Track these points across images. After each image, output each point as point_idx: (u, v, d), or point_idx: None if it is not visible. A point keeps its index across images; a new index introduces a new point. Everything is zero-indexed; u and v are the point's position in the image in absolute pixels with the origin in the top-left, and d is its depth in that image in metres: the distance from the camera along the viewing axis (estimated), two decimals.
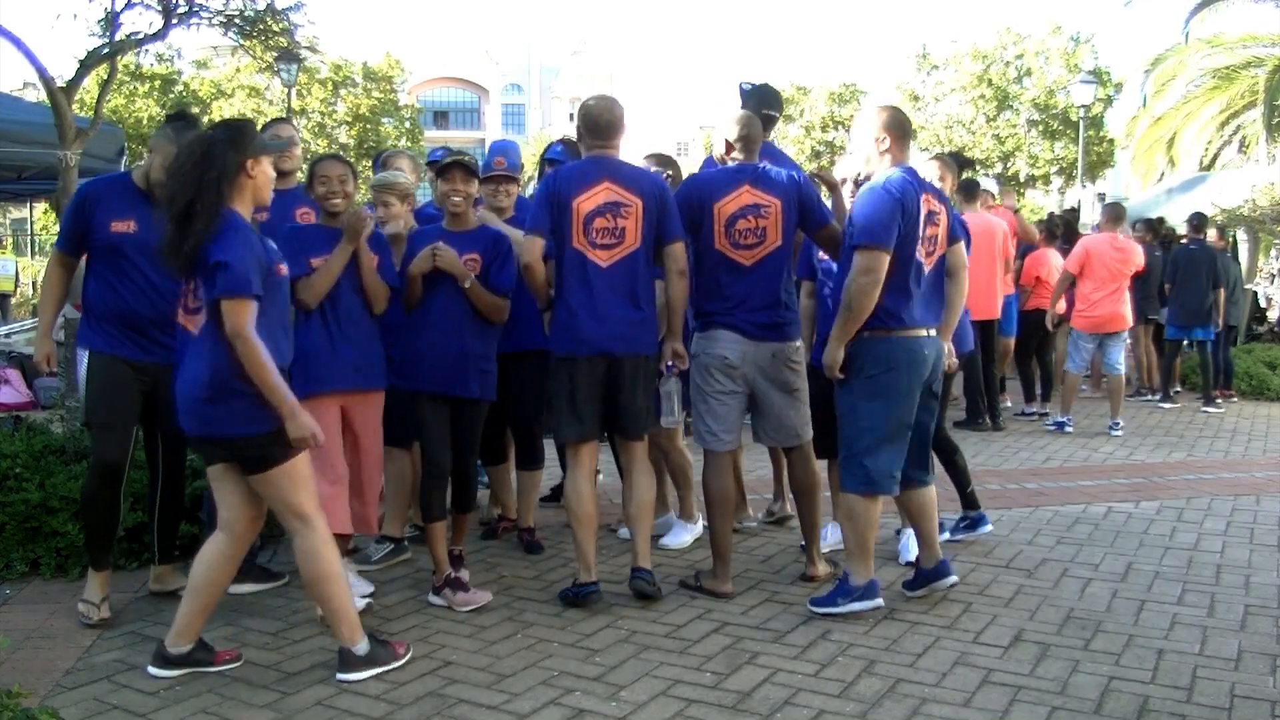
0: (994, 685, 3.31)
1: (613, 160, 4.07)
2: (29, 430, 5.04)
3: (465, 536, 4.31)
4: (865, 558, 3.91)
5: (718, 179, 4.24)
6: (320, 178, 3.98)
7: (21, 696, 2.65)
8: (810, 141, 35.19)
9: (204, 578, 3.32)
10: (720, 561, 4.19)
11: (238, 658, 3.47)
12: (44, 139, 8.07)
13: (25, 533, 4.27)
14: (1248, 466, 6.86)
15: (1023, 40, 29.85)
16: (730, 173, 4.21)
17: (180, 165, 3.19)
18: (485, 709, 3.14)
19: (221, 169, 3.15)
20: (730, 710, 3.13)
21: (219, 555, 3.33)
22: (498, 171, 4.74)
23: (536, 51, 70.85)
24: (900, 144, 3.93)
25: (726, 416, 4.20)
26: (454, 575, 4.05)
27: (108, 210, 3.77)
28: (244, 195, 3.25)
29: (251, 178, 3.24)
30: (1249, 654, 3.56)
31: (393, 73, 34.08)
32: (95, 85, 12.90)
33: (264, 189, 3.31)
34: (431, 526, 4.04)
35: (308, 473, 3.29)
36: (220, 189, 3.14)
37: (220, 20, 9.40)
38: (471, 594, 4.01)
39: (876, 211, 3.75)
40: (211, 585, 3.34)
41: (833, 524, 4.69)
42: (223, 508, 3.33)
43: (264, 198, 3.34)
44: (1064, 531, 5.14)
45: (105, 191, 3.85)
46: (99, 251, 3.81)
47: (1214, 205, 13.03)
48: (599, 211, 3.96)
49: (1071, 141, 27.66)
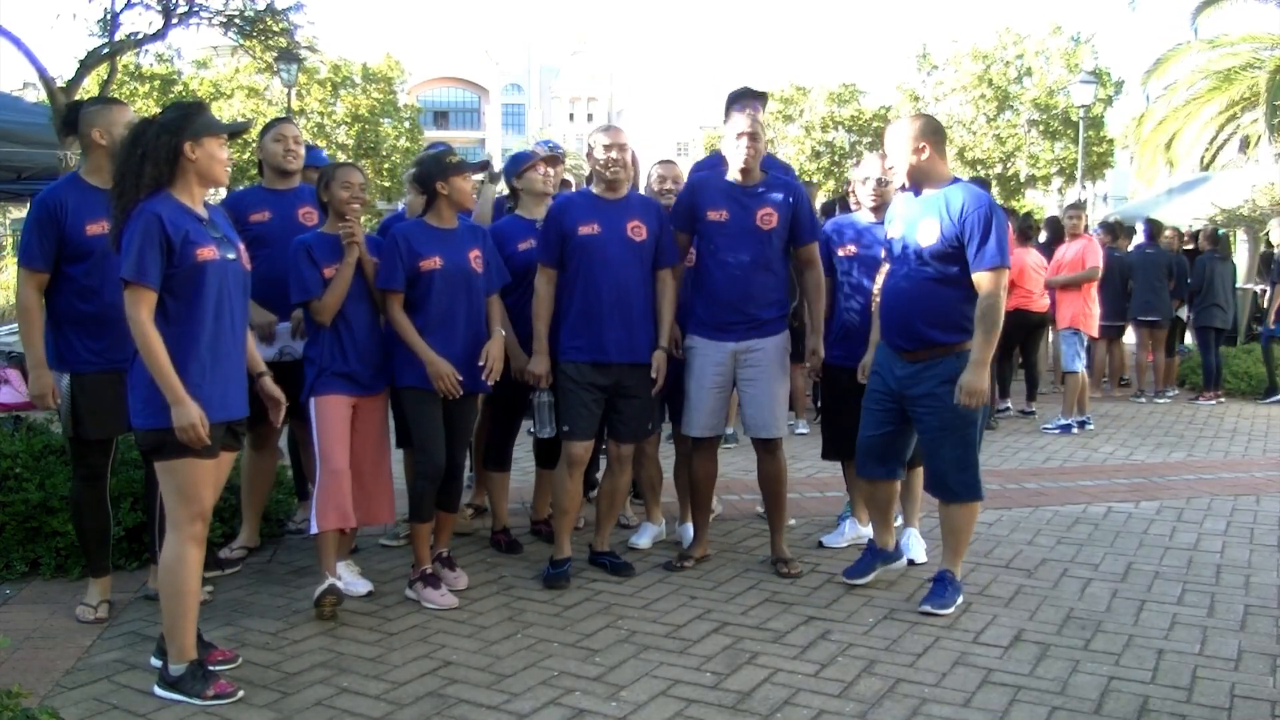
0: (994, 685, 3.31)
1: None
2: (29, 430, 5.04)
3: (449, 536, 4.34)
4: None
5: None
6: (344, 183, 4.01)
7: (21, 696, 2.64)
8: (810, 141, 35.18)
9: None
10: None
11: (234, 658, 3.46)
12: (44, 139, 8.06)
13: (25, 533, 4.27)
14: (1248, 466, 6.86)
15: (1023, 40, 29.87)
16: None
17: (119, 151, 3.20)
18: (485, 709, 3.14)
19: (147, 151, 3.11)
20: (730, 710, 3.13)
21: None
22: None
23: (536, 51, 70.93)
24: (939, 149, 4.02)
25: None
26: (427, 571, 4.09)
27: (79, 214, 3.65)
28: (186, 178, 3.18)
29: (192, 160, 3.17)
30: (1249, 654, 3.56)
31: (392, 73, 34.07)
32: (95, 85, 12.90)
33: (210, 171, 3.21)
34: (419, 526, 4.09)
35: (194, 484, 3.17)
36: (142, 171, 3.10)
37: (220, 20, 9.42)
38: (440, 592, 4.04)
39: (1005, 233, 3.89)
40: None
41: (850, 520, 4.89)
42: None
43: (213, 178, 3.25)
44: (1064, 531, 5.14)
45: (67, 196, 3.69)
46: (74, 258, 3.67)
47: (1214, 205, 13.02)
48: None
49: (1071, 142, 27.67)
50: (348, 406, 3.99)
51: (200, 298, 3.16)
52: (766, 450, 4.48)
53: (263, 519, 4.78)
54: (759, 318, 4.36)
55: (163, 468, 3.18)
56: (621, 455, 4.41)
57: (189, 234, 3.14)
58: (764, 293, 4.36)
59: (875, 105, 36.16)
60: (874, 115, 35.57)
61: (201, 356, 3.18)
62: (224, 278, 3.22)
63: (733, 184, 4.38)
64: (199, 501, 3.20)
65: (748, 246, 4.31)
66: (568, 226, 4.27)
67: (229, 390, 3.28)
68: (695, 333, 4.45)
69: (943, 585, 4.05)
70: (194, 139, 3.17)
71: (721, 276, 4.34)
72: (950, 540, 4.09)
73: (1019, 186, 30.32)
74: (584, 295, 4.25)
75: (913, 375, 4.00)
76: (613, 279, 4.23)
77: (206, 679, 3.19)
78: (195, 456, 3.15)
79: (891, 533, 4.35)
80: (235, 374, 3.33)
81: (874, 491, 4.31)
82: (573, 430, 4.28)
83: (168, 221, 3.10)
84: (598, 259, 4.23)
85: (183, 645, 3.21)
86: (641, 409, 4.37)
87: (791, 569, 4.42)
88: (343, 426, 3.96)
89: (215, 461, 3.25)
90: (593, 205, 4.34)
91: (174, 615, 3.21)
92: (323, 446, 3.94)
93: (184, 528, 3.19)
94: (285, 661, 3.49)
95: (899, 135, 4.01)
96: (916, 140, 3.94)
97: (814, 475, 6.30)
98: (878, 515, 4.33)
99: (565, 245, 4.27)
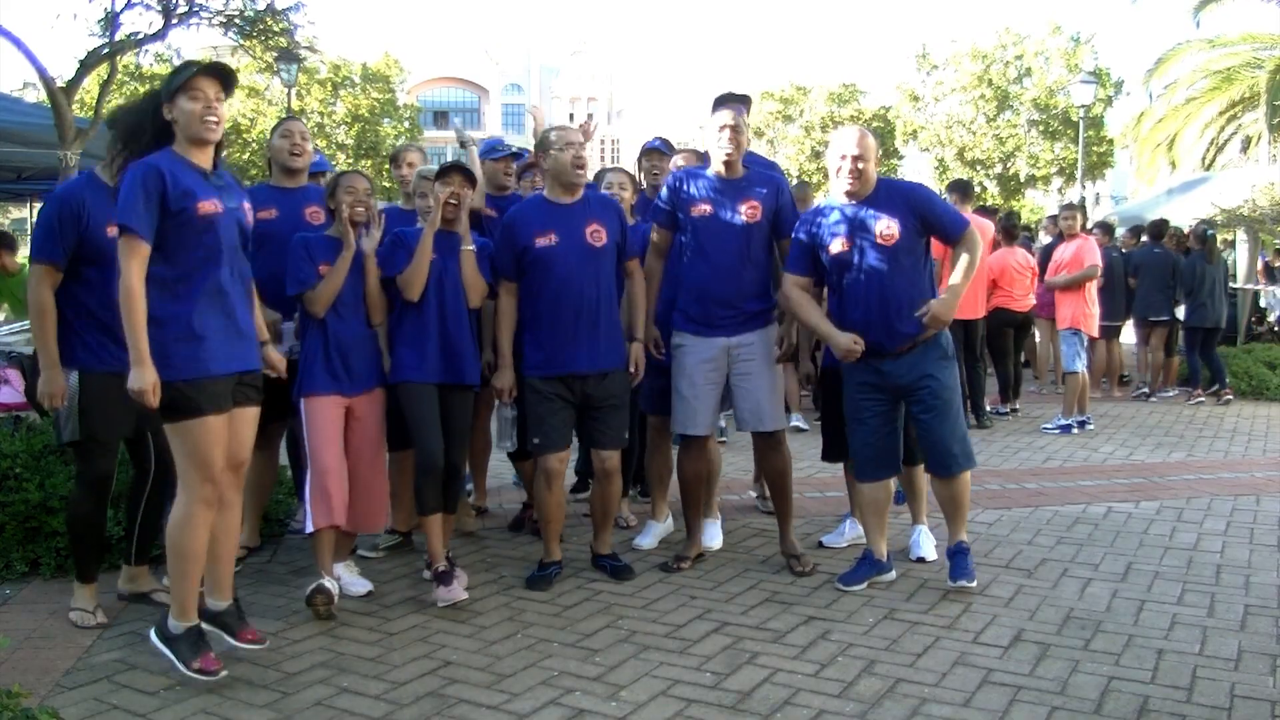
0: (994, 685, 3.31)
1: None
2: (29, 430, 5.04)
3: (449, 536, 4.34)
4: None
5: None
6: (347, 188, 4.04)
7: (21, 696, 2.64)
8: (810, 141, 35.19)
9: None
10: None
11: (263, 640, 3.48)
12: (44, 139, 8.07)
13: (25, 533, 4.27)
14: (1248, 466, 6.86)
15: (1023, 40, 29.88)
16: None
17: (118, 121, 3.38)
18: (485, 709, 3.14)
19: (139, 116, 3.29)
20: (730, 710, 3.13)
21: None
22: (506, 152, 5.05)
23: (536, 51, 70.93)
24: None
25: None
26: (439, 569, 4.10)
27: (98, 214, 3.63)
28: (179, 139, 3.27)
29: (172, 119, 3.24)
30: (1249, 654, 3.56)
31: (391, 73, 34.09)
32: (95, 85, 12.91)
33: (189, 123, 3.23)
34: (428, 519, 4.09)
35: (204, 445, 3.20)
36: (134, 136, 3.29)
37: (220, 20, 9.42)
38: (451, 589, 4.04)
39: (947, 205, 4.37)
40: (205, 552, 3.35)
41: (851, 520, 4.89)
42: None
43: (193, 133, 3.25)
44: (1064, 531, 5.14)
45: (87, 194, 3.68)
46: (90, 259, 3.65)
47: (1214, 205, 13.02)
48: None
49: (1071, 141, 27.68)
50: (338, 407, 3.99)
51: (203, 250, 3.20)
52: (769, 444, 4.47)
53: (263, 519, 4.79)
54: (747, 311, 4.36)
55: (173, 429, 3.20)
56: (607, 468, 4.33)
57: (189, 187, 3.18)
58: (750, 286, 4.36)
59: (875, 105, 36.17)
60: (874, 115, 35.59)
61: (207, 310, 3.20)
62: (228, 231, 3.27)
63: (715, 178, 4.37)
64: (209, 463, 3.22)
65: (732, 240, 4.30)
66: (523, 238, 4.18)
67: (235, 342, 3.29)
68: (684, 329, 4.43)
69: (964, 557, 4.21)
70: (168, 101, 3.25)
71: (708, 271, 4.33)
72: (954, 511, 4.26)
73: (1019, 186, 30.36)
74: (547, 309, 4.18)
75: (904, 365, 4.11)
76: (575, 292, 4.15)
77: (197, 649, 3.23)
78: (202, 414, 3.17)
79: (884, 539, 4.34)
80: (243, 326, 3.35)
81: (875, 493, 4.31)
82: (544, 443, 4.22)
83: (166, 173, 3.14)
84: (558, 272, 4.14)
85: (184, 604, 3.27)
86: (618, 415, 4.30)
87: (804, 564, 4.41)
88: (333, 427, 3.97)
89: (227, 418, 3.26)
90: (547, 212, 4.24)
91: (178, 574, 3.27)
92: (312, 446, 3.95)
93: (194, 489, 3.22)
94: (285, 661, 3.49)
95: (869, 145, 4.11)
96: (876, 151, 4.15)
97: (814, 475, 6.29)
98: (875, 520, 4.32)
99: (523, 258, 4.19)
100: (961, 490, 4.24)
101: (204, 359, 3.20)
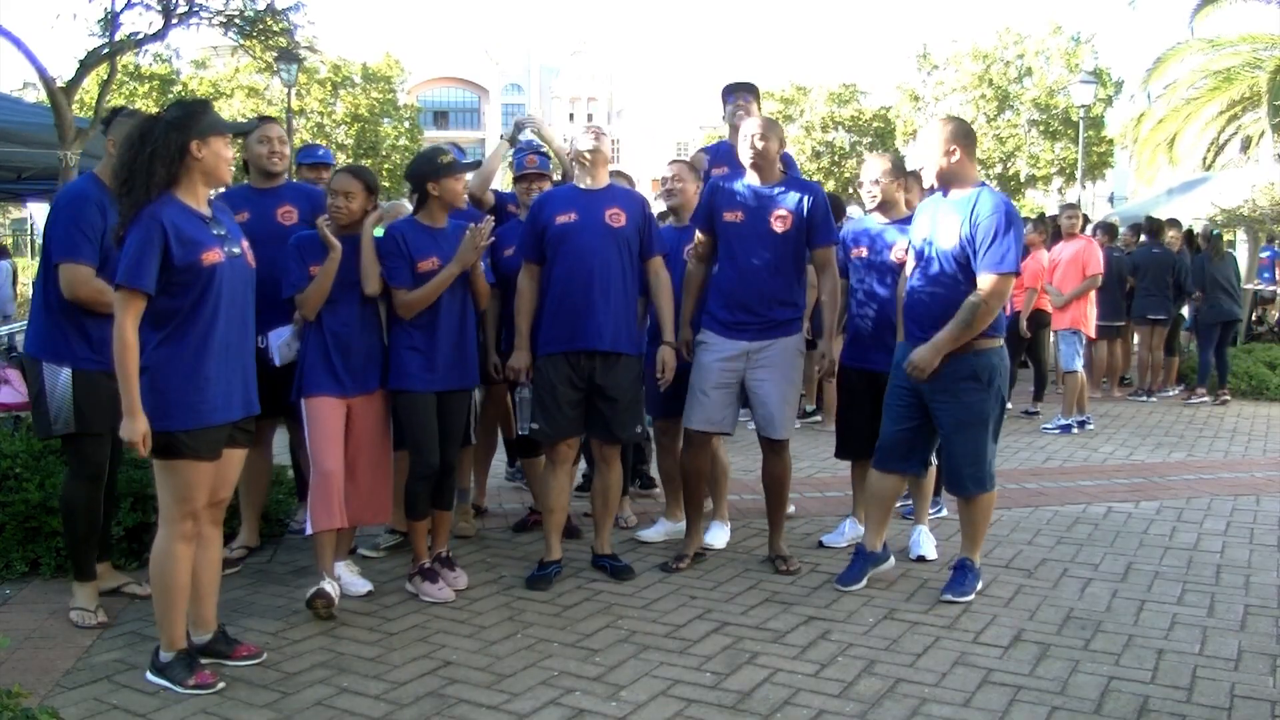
0: (994, 685, 3.31)
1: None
2: (29, 430, 5.03)
3: (447, 536, 4.36)
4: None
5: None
6: (331, 190, 4.06)
7: (21, 696, 2.64)
8: (810, 141, 35.17)
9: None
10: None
11: (259, 654, 3.49)
12: (44, 139, 8.07)
13: (25, 533, 4.27)
14: (1248, 466, 6.86)
15: (1023, 40, 29.89)
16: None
17: (122, 148, 3.18)
18: (485, 709, 3.14)
19: (155, 149, 3.10)
20: (730, 710, 3.13)
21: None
22: (530, 170, 4.90)
23: (536, 51, 70.91)
24: (970, 153, 4.05)
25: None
26: (425, 565, 4.12)
27: (112, 215, 3.57)
28: (191, 177, 3.19)
29: (198, 159, 3.17)
30: (1249, 654, 3.56)
31: (392, 73, 34.07)
32: (95, 85, 12.91)
33: (215, 170, 3.22)
34: (415, 524, 4.15)
35: (191, 485, 3.21)
36: (153, 170, 3.09)
37: (220, 20, 9.42)
38: (438, 587, 4.06)
39: (1021, 242, 3.94)
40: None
41: (851, 520, 4.89)
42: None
43: (218, 178, 3.26)
44: (1064, 531, 5.14)
45: (101, 194, 3.70)
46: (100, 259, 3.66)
47: (1214, 205, 13.02)
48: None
49: (1071, 142, 27.68)
50: (339, 407, 3.98)
51: (206, 301, 3.18)
52: (773, 450, 4.48)
53: (263, 519, 4.79)
54: (773, 319, 4.36)
55: (161, 466, 3.21)
56: (605, 453, 4.39)
57: (193, 238, 3.15)
58: (778, 294, 4.36)
59: (875, 105, 36.15)
60: (874, 115, 35.59)
61: (208, 359, 3.19)
62: (230, 278, 3.24)
63: (750, 186, 4.39)
64: (191, 501, 3.24)
65: (762, 248, 4.32)
66: (545, 218, 4.28)
67: (236, 390, 3.30)
68: (708, 328, 4.46)
69: (962, 573, 4.15)
70: (200, 138, 3.17)
71: (735, 276, 4.36)
72: (969, 530, 4.20)
73: (1019, 186, 30.34)
74: (561, 281, 4.23)
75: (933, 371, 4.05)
76: (589, 265, 4.20)
77: (190, 668, 3.26)
78: (197, 459, 3.18)
79: (882, 534, 4.34)
80: (244, 373, 3.35)
81: (883, 484, 4.27)
82: (548, 429, 4.26)
83: (170, 227, 3.11)
84: (574, 245, 4.21)
85: (172, 636, 3.28)
86: (621, 411, 4.28)
87: (790, 565, 4.44)
88: (334, 427, 3.96)
89: (216, 464, 3.27)
90: (572, 196, 4.35)
91: (163, 607, 3.28)
92: (314, 447, 3.96)
93: (174, 523, 3.24)
94: (285, 661, 3.49)
95: (931, 137, 4.06)
96: (948, 143, 4.00)
97: (814, 475, 6.30)
98: (877, 514, 4.32)
99: (544, 236, 4.27)
100: (977, 512, 4.15)
101: (203, 411, 3.19)
